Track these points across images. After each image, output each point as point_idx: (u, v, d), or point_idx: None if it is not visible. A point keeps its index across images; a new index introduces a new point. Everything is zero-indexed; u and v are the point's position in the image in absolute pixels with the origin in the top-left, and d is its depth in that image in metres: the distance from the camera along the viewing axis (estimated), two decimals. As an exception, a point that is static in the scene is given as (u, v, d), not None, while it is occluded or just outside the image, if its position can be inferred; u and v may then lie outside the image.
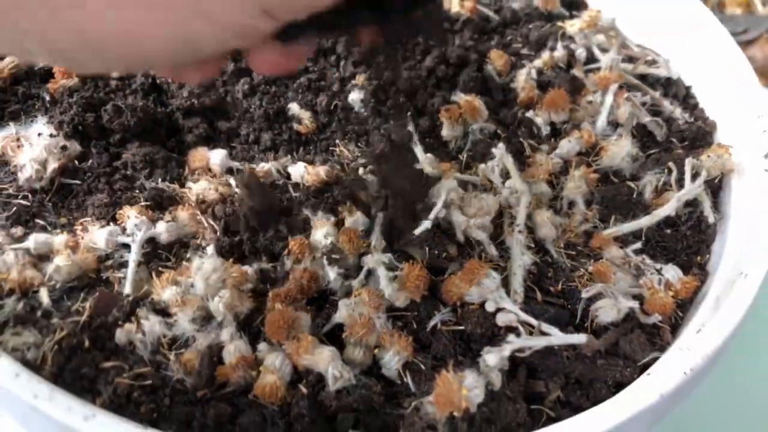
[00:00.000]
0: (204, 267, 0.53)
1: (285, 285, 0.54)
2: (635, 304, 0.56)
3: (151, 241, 0.59)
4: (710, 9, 1.28)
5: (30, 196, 0.62)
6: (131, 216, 0.58)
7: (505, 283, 0.57)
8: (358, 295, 0.53)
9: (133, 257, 0.56)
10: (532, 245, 0.62)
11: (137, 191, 0.63)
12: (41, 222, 0.60)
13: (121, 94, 0.71)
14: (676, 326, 0.60)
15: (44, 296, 0.54)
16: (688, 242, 0.66)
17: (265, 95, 0.72)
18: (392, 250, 0.57)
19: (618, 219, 0.67)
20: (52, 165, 0.63)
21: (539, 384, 0.53)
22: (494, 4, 0.92)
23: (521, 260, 0.59)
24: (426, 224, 0.56)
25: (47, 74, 0.72)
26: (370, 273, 0.55)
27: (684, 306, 0.61)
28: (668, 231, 0.67)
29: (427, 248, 0.56)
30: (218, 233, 0.58)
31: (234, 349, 0.50)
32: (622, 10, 0.87)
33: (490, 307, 0.54)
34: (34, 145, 0.64)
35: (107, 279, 0.56)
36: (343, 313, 0.53)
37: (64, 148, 0.64)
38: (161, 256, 0.59)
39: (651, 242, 0.65)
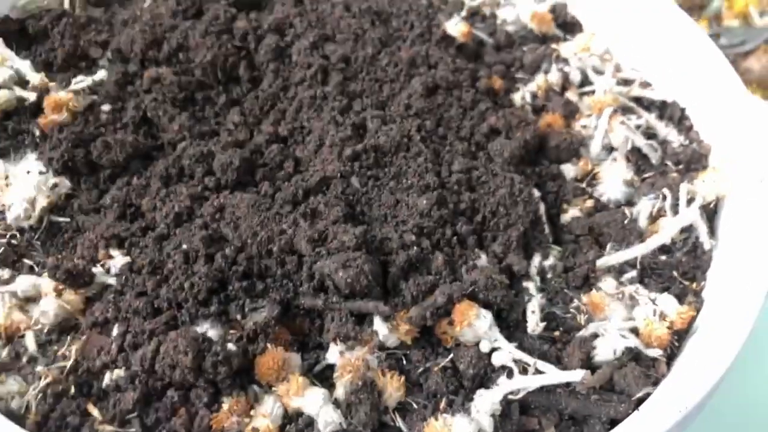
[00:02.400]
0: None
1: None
2: (633, 344, 0.55)
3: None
4: (707, 21, 1.29)
5: (18, 235, 0.62)
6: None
7: (499, 316, 0.57)
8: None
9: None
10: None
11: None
12: (29, 262, 0.60)
13: (112, 128, 0.70)
14: (671, 356, 0.59)
15: (30, 342, 0.53)
16: (683, 269, 0.65)
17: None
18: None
19: (613, 246, 0.66)
20: (41, 203, 0.63)
21: (532, 421, 0.53)
22: (488, 27, 0.92)
23: (537, 302, 0.60)
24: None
25: (37, 109, 0.72)
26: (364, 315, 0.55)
27: (680, 335, 0.60)
28: (663, 257, 0.66)
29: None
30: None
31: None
32: (616, 32, 0.87)
33: (484, 347, 0.53)
34: (24, 183, 0.64)
35: (95, 321, 0.55)
36: (335, 354, 0.52)
37: (54, 186, 0.64)
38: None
39: (645, 269, 0.65)
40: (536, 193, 0.68)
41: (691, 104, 0.79)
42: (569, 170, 0.73)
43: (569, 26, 0.93)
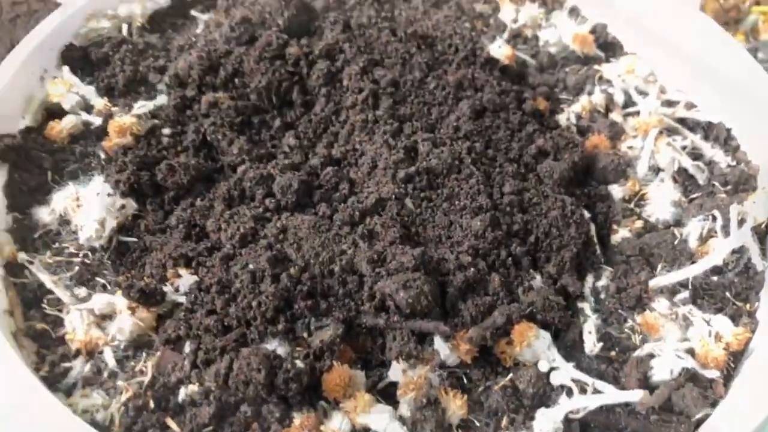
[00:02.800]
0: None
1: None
2: (690, 364, 0.56)
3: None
4: (744, 35, 1.29)
5: (90, 254, 0.65)
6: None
7: (556, 336, 0.58)
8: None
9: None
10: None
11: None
12: (101, 280, 0.63)
13: (173, 151, 0.73)
14: (728, 377, 0.59)
15: (109, 357, 0.56)
16: (736, 289, 0.66)
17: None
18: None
19: (664, 267, 0.67)
20: (111, 224, 0.66)
21: (593, 440, 0.54)
22: (530, 49, 0.93)
23: (593, 322, 0.61)
24: None
25: (102, 132, 0.75)
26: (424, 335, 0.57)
27: (735, 356, 0.61)
28: (715, 278, 0.67)
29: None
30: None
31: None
32: (657, 52, 0.88)
33: (543, 366, 0.55)
34: (93, 204, 0.67)
35: (168, 338, 0.57)
36: (397, 371, 0.54)
37: (122, 207, 0.67)
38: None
39: (698, 290, 0.65)
40: (587, 214, 0.70)
41: (736, 124, 0.80)
42: (617, 191, 0.74)
43: (610, 47, 0.95)
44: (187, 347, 0.56)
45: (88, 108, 0.78)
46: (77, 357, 0.56)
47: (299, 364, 0.53)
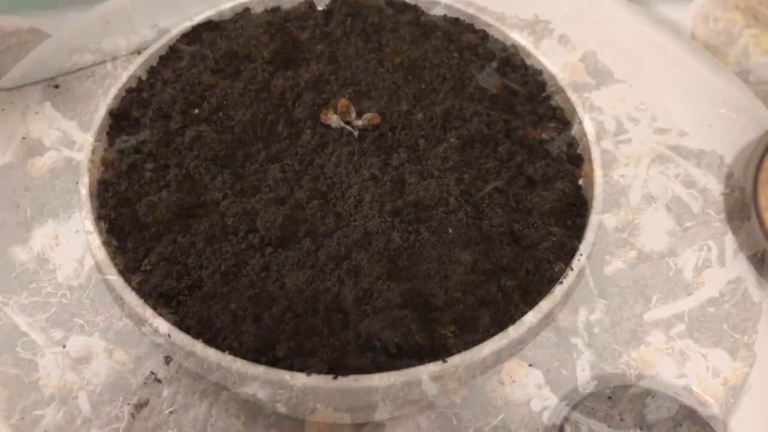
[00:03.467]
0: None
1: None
2: (687, 402, 0.54)
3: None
4: (735, 57, 1.29)
5: (68, 294, 0.63)
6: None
7: (546, 375, 0.56)
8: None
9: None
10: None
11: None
12: (79, 321, 0.61)
13: (156, 186, 0.72)
14: (726, 413, 0.57)
15: (84, 402, 0.54)
16: (733, 321, 0.64)
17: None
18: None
19: (659, 299, 0.65)
20: (90, 262, 0.64)
21: (589, 484, 0.52)
22: (520, 77, 0.93)
23: (587, 358, 0.60)
24: None
25: (83, 168, 0.74)
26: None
27: (734, 390, 0.59)
28: (711, 309, 0.65)
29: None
30: None
31: None
32: (648, 79, 0.88)
33: (535, 406, 0.53)
34: (72, 243, 0.65)
35: (145, 381, 0.55)
36: (384, 413, 0.52)
37: (101, 245, 0.65)
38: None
39: (694, 322, 0.64)
40: (579, 245, 0.68)
41: (728, 151, 0.79)
42: (610, 221, 0.73)
43: (600, 74, 0.94)
44: (165, 391, 0.54)
45: (69, 143, 0.77)
46: (50, 404, 0.54)
47: (280, 408, 0.51)
